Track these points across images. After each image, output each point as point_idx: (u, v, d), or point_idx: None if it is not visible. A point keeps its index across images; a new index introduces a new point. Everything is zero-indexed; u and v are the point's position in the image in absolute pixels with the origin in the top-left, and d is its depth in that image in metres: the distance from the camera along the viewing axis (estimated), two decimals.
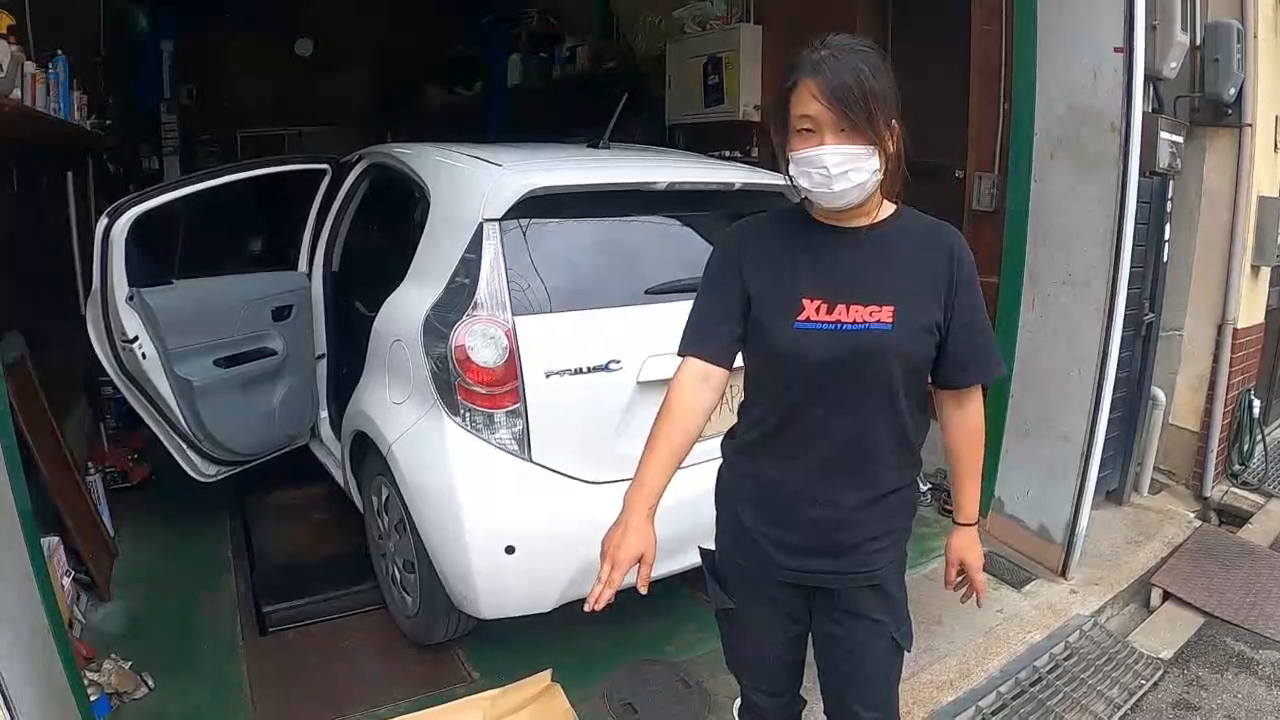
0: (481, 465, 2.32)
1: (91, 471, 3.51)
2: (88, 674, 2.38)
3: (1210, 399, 4.07)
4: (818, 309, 1.48)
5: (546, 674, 2.11)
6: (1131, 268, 3.06)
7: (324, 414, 3.50)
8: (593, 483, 2.39)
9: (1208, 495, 4.06)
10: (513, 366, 2.30)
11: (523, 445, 2.33)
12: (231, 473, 3.36)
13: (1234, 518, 3.98)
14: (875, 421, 1.52)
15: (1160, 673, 2.76)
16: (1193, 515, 3.90)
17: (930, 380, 1.60)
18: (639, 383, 2.42)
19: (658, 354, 2.31)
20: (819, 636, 1.73)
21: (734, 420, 1.69)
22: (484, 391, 2.30)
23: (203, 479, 3.27)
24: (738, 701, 2.32)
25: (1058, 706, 2.58)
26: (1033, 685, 2.67)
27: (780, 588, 1.67)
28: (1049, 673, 2.72)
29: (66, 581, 2.74)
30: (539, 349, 2.33)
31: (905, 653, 1.72)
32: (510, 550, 2.26)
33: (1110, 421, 3.21)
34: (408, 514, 2.48)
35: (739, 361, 1.62)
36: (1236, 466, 4.29)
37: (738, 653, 1.87)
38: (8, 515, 1.82)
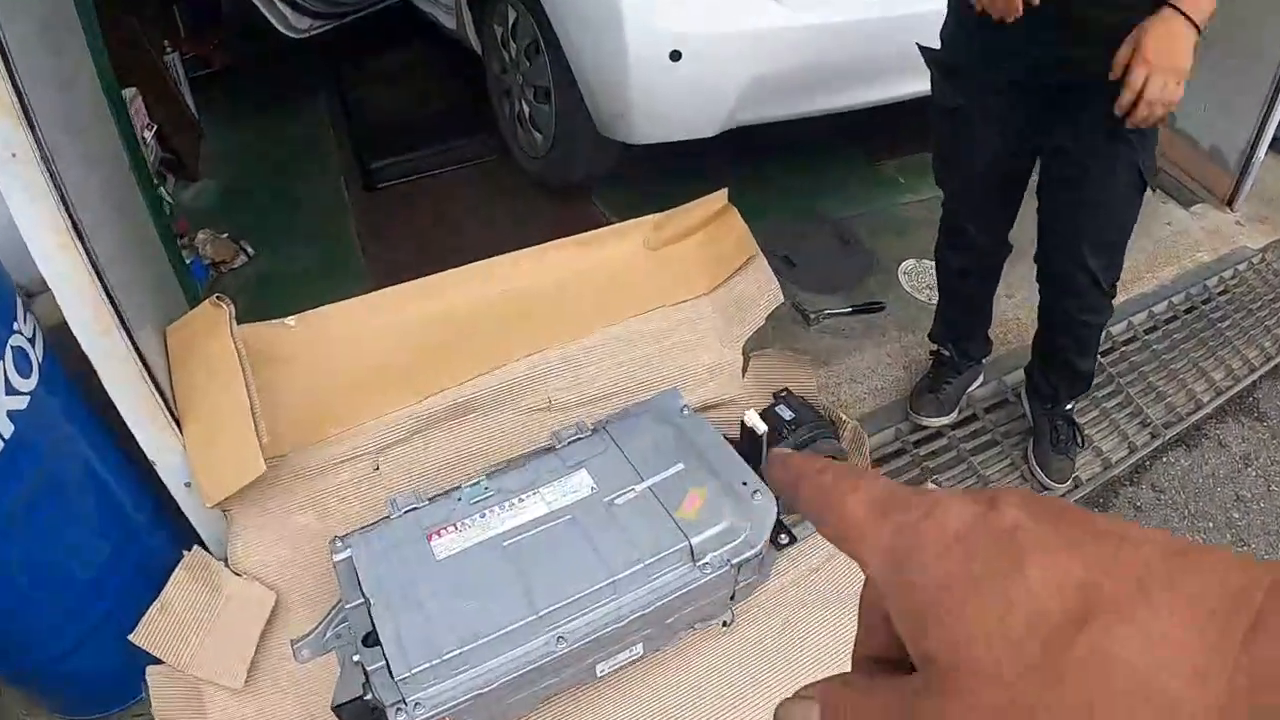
0: None
1: (169, 50, 3.14)
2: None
3: None
4: None
5: (723, 193, 1.85)
6: None
7: None
8: None
9: None
10: None
11: None
12: (326, 28, 3.03)
13: None
14: None
15: None
16: None
17: None
18: None
19: None
20: (1049, 161, 1.48)
21: None
22: None
23: (295, 35, 2.96)
24: (907, 262, 2.10)
25: (1228, 330, 2.42)
26: (1204, 303, 2.50)
27: (1013, 88, 1.39)
28: (1219, 294, 2.54)
29: (148, 134, 2.49)
30: None
31: (1147, 192, 1.45)
32: (675, 56, 1.93)
33: None
34: (544, 31, 2.14)
35: None
36: None
37: (953, 160, 1.62)
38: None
